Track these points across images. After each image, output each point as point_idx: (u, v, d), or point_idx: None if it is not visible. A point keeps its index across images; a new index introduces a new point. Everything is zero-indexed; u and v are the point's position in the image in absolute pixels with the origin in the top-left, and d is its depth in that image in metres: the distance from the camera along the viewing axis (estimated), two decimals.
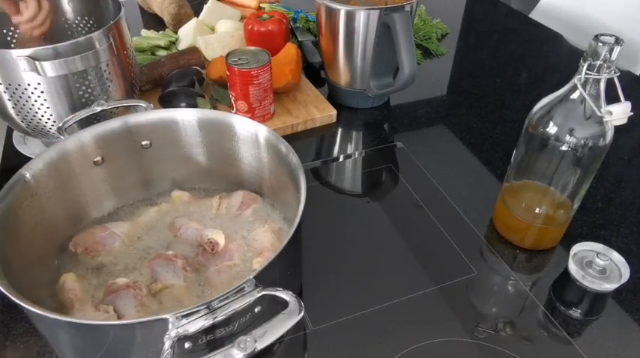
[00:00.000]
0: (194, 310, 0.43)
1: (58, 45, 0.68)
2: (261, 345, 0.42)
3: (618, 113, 0.55)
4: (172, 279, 0.58)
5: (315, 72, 1.06)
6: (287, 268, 0.56)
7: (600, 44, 0.53)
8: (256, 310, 0.48)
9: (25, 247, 0.55)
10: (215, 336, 0.47)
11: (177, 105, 0.87)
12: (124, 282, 0.56)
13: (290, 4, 1.24)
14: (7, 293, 0.44)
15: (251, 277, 0.45)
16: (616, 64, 0.54)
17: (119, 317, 0.53)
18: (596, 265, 0.61)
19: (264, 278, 0.46)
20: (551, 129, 0.59)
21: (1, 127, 0.85)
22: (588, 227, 0.73)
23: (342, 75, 0.94)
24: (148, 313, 0.54)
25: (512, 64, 1.14)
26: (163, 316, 0.42)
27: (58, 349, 0.54)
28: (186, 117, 0.66)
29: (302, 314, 0.44)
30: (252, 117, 0.86)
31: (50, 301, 0.56)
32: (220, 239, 0.60)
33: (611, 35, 0.53)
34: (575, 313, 0.61)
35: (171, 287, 0.57)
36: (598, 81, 0.55)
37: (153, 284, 0.57)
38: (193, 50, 1.01)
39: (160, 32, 1.14)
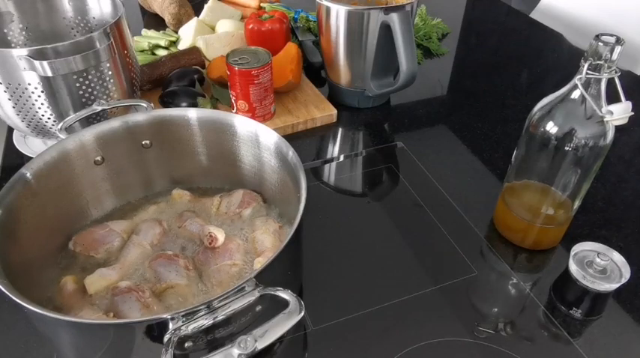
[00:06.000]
0: (194, 310, 0.43)
1: (58, 45, 0.67)
2: (261, 345, 0.42)
3: (619, 113, 0.55)
4: (176, 279, 0.58)
5: (316, 71, 1.06)
6: (287, 268, 0.56)
7: (601, 44, 0.53)
8: (257, 310, 0.48)
9: (25, 246, 0.55)
10: (215, 336, 0.47)
11: (177, 105, 0.87)
12: (126, 285, 0.56)
13: (290, 3, 1.24)
14: (7, 293, 0.44)
15: (251, 277, 0.45)
16: (617, 64, 0.54)
17: None
18: (596, 265, 0.61)
19: (264, 277, 0.46)
20: (552, 129, 0.59)
21: (1, 127, 0.85)
22: (589, 227, 0.73)
23: (343, 75, 0.94)
24: (154, 315, 0.54)
25: (512, 64, 1.14)
26: (163, 316, 0.42)
27: (58, 349, 0.54)
28: (186, 116, 0.66)
29: (302, 314, 0.44)
30: (253, 117, 0.86)
31: (50, 301, 0.56)
32: (220, 235, 0.60)
33: (612, 35, 0.53)
34: (576, 313, 0.61)
35: (175, 287, 0.57)
36: (599, 81, 0.55)
37: (157, 285, 0.57)
38: (194, 50, 1.01)
39: (161, 32, 1.14)
